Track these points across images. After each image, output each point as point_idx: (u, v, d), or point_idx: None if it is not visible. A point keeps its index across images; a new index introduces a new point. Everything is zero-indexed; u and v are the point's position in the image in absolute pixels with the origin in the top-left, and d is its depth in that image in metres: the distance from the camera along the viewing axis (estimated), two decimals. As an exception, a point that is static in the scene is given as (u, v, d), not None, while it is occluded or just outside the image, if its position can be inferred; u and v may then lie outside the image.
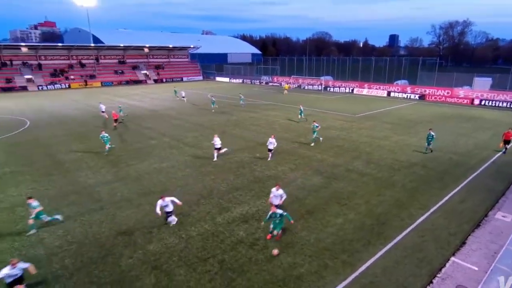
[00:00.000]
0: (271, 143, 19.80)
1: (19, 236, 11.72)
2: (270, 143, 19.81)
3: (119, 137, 25.58)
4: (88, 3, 78.68)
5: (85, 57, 75.88)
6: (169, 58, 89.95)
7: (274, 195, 12.76)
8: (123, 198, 14.82)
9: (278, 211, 11.25)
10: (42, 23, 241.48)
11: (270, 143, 19.81)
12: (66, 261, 10.34)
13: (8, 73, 64.23)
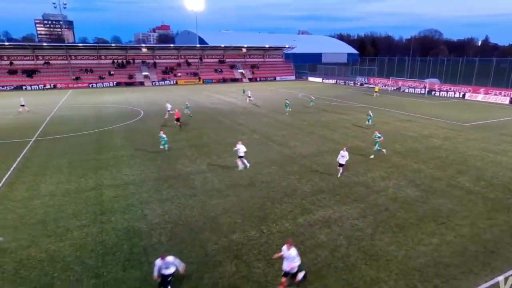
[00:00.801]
0: (342, 157, 17.03)
1: (129, 209, 13.68)
2: (342, 157, 17.04)
3: (214, 131, 27.61)
4: (197, 8, 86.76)
5: (191, 56, 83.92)
6: (264, 58, 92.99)
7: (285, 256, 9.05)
8: (214, 187, 15.97)
9: None
10: (159, 27, 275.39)
11: (342, 156, 17.03)
12: (162, 237, 11.66)
13: (131, 70, 75.37)
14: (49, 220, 12.79)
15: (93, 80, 69.30)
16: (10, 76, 65.25)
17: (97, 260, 10.34)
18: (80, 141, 24.52)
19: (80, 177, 17.21)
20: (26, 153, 21.40)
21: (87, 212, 13.45)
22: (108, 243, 11.28)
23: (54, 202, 14.33)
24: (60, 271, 9.80)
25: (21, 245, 11.13)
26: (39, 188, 15.84)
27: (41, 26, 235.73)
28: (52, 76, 67.76)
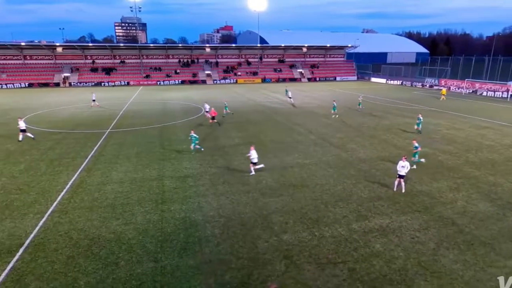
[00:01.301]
0: (402, 167, 14.85)
1: (187, 201, 14.44)
2: (402, 167, 14.86)
3: (270, 130, 27.81)
4: (259, 8, 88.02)
5: (252, 56, 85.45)
6: (325, 58, 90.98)
7: None
8: (267, 186, 16.10)
9: None
10: (223, 27, 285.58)
11: (402, 167, 14.85)
12: (215, 230, 12.10)
13: (195, 69, 79.33)
14: (117, 204, 14.07)
15: (161, 78, 74.40)
16: (92, 73, 73.07)
17: (156, 246, 11.11)
18: (147, 134, 26.52)
19: (146, 167, 18.61)
20: (102, 143, 23.78)
21: (150, 200, 14.51)
22: (167, 230, 12.05)
23: (123, 188, 15.72)
24: (125, 252, 10.72)
25: (94, 225, 12.41)
26: (110, 175, 17.51)
27: (119, 28, 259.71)
28: (126, 74, 74.34)
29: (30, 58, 72.73)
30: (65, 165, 19.02)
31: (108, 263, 10.18)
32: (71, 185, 16.14)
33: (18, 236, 11.60)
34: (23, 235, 11.63)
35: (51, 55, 73.37)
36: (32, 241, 11.27)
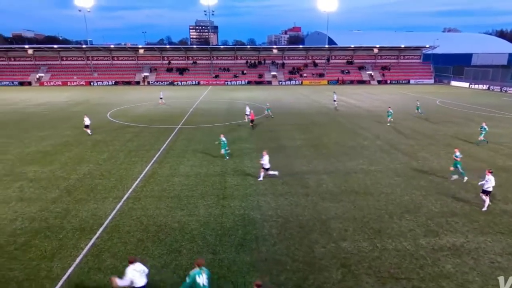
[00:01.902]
0: (487, 182, 13.28)
1: (246, 198, 14.79)
2: (486, 182, 13.29)
3: (334, 133, 27.05)
4: (329, 8, 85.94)
5: (319, 57, 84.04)
6: (398, 59, 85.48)
7: None
8: (328, 190, 15.69)
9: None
10: (291, 29, 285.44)
11: (486, 181, 13.29)
12: (273, 230, 12.18)
13: (261, 70, 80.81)
14: (183, 196, 15.01)
15: (228, 78, 77.37)
16: (167, 73, 79.09)
17: (215, 239, 11.59)
18: (214, 131, 27.79)
19: (210, 163, 19.53)
20: (173, 138, 25.59)
21: (212, 194, 15.18)
22: (226, 225, 12.49)
23: (188, 181, 16.72)
24: (187, 241, 11.40)
25: (162, 213, 13.42)
26: (178, 168, 18.75)
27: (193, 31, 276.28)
28: (197, 74, 78.92)
29: (117, 59, 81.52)
30: (140, 156, 20.89)
31: (172, 249, 10.92)
32: (144, 175, 17.67)
33: (99, 216, 13.09)
34: (103, 216, 13.08)
35: (134, 56, 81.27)
36: (110, 222, 12.62)
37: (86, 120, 26.56)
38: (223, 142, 19.99)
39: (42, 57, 79.20)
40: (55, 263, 10.15)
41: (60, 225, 12.41)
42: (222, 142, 20.02)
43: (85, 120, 26.58)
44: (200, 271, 7.80)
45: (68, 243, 11.26)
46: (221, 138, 20.22)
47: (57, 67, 78.85)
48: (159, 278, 9.53)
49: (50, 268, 9.92)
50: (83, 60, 79.94)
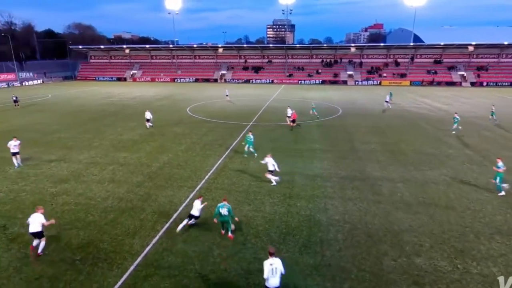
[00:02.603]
0: None
1: (313, 199, 14.54)
2: None
3: (414, 138, 24.92)
4: (417, 2, 79.10)
5: (401, 56, 78.16)
6: (499, 58, 74.80)
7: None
8: (403, 200, 14.55)
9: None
10: (372, 26, 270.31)
11: None
12: (339, 235, 11.76)
13: (336, 69, 78.39)
14: (251, 191, 15.42)
15: (302, 77, 76.80)
16: (243, 71, 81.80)
17: (279, 237, 11.66)
18: (284, 130, 27.91)
19: (281, 162, 19.62)
20: (244, 134, 26.40)
21: (279, 193, 15.28)
22: (291, 225, 12.47)
23: (257, 178, 17.09)
24: (252, 236, 11.69)
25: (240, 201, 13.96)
26: (248, 164, 19.29)
27: (270, 30, 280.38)
28: (271, 73, 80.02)
29: (198, 57, 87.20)
30: (214, 150, 22.06)
31: (237, 242, 11.32)
32: (216, 167, 18.62)
33: (174, 203, 14.22)
34: (178, 203, 14.17)
35: (213, 55, 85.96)
36: (183, 209, 13.61)
37: (147, 115, 28.65)
38: (249, 140, 20.26)
39: (136, 56, 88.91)
40: (135, 241, 11.35)
41: (141, 207, 13.82)
42: (249, 139, 20.30)
43: (146, 114, 28.70)
44: (224, 205, 11.31)
45: (147, 224, 12.47)
46: (249, 135, 20.55)
47: (148, 64, 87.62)
48: (223, 267, 9.97)
49: (131, 244, 11.13)
50: (169, 58, 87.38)
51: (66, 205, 13.97)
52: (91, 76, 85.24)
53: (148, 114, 28.82)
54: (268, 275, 7.79)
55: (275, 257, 8.02)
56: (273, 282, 7.82)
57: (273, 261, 7.90)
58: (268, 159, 16.11)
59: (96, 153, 21.35)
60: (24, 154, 20.26)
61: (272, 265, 7.84)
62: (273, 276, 7.81)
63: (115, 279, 9.42)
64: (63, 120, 32.20)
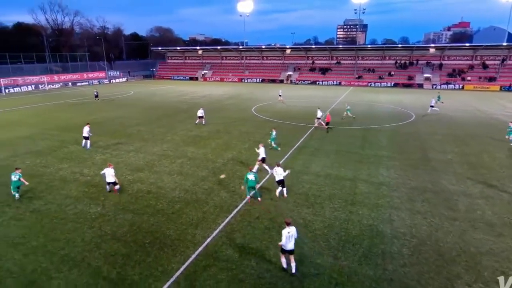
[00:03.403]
0: None
1: (377, 209, 13.76)
2: None
3: (502, 151, 21.99)
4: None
5: (491, 57, 69.55)
6: None
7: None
8: (483, 219, 12.96)
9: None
10: (456, 24, 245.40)
11: None
12: (404, 249, 10.94)
13: (412, 71, 72.87)
14: (310, 194, 15.19)
15: (372, 80, 73.03)
16: (310, 72, 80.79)
17: (338, 243, 11.28)
18: (349, 134, 26.89)
19: (341, 166, 19.03)
20: (307, 136, 26.11)
21: (340, 198, 14.78)
22: (351, 232, 11.98)
23: (317, 181, 16.77)
24: (309, 240, 11.51)
25: (289, 207, 13.95)
26: (310, 166, 19.03)
27: (341, 30, 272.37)
28: (339, 74, 77.66)
29: (266, 58, 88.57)
30: (282, 150, 22.21)
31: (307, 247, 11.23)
32: (277, 168, 18.72)
33: (235, 199, 14.67)
34: (238, 200, 14.59)
35: (281, 56, 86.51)
36: (243, 206, 13.98)
37: (200, 112, 30.42)
38: (272, 136, 22.09)
39: (207, 57, 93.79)
40: (198, 231, 12.00)
41: (205, 200, 14.56)
42: (272, 135, 22.12)
43: (199, 112, 30.51)
44: (251, 173, 14.10)
45: (209, 217, 13.09)
46: (272, 131, 22.42)
47: (218, 65, 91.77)
48: (279, 268, 10.00)
49: (194, 235, 11.80)
50: (238, 59, 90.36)
51: (140, 192, 15.37)
52: (167, 75, 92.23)
53: (200, 112, 30.65)
54: (286, 241, 9.52)
55: (291, 226, 9.76)
56: (289, 246, 9.61)
57: (290, 229, 9.64)
58: (261, 149, 17.93)
59: (168, 146, 23.07)
60: (109, 143, 23.25)
61: (290, 233, 9.57)
62: (289, 241, 9.58)
63: (177, 265, 10.09)
64: (142, 115, 35.43)
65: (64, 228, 12.24)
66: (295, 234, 9.72)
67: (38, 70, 72.26)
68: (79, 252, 10.74)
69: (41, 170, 18.31)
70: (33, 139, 24.80)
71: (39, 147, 22.87)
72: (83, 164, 19.34)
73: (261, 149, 17.88)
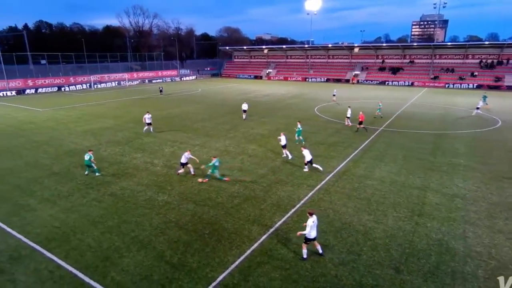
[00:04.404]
0: None
1: (449, 223, 12.51)
2: None
3: None
4: None
5: None
6: None
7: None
8: None
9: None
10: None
11: None
12: (479, 271, 9.77)
13: (500, 72, 64.52)
14: (373, 201, 14.40)
15: (451, 80, 66.41)
16: (379, 72, 76.43)
17: (401, 256, 10.53)
18: (419, 138, 24.86)
19: (410, 173, 17.68)
20: (373, 139, 24.79)
21: (406, 208, 13.76)
22: (416, 245, 11.08)
23: (381, 187, 15.84)
24: (368, 248, 10.94)
25: (348, 212, 13.43)
26: (373, 171, 18.06)
27: (416, 27, 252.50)
28: (412, 74, 72.11)
29: (332, 57, 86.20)
30: (338, 151, 21.53)
31: (351, 251, 10.80)
32: (338, 170, 18.14)
33: (293, 199, 14.60)
34: (296, 200, 14.48)
35: (348, 55, 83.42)
36: (300, 207, 13.84)
37: (244, 106, 32.67)
38: (298, 130, 23.08)
39: (273, 56, 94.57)
40: (254, 227, 12.21)
41: (263, 198, 14.74)
42: (298, 129, 23.12)
43: (243, 106, 32.79)
44: (218, 159, 16.60)
45: (266, 214, 13.22)
46: (298, 126, 23.34)
47: (283, 64, 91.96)
48: (334, 273, 9.70)
49: (250, 230, 12.03)
50: (303, 58, 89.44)
51: (202, 185, 16.16)
52: (233, 74, 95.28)
53: (245, 106, 32.70)
54: (310, 230, 10.07)
55: (314, 215, 10.21)
56: (313, 234, 10.18)
57: (313, 218, 10.14)
58: (282, 136, 19.84)
59: (230, 143, 23.85)
60: (177, 137, 24.96)
61: (314, 222, 10.10)
62: (313, 229, 10.15)
63: (233, 258, 10.40)
64: (208, 111, 37.17)
65: (135, 212, 13.44)
66: (316, 222, 10.27)
67: (121, 68, 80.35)
68: (147, 236, 11.70)
69: (119, 158, 20.33)
70: (114, 130, 27.65)
71: (118, 137, 25.43)
72: (154, 155, 20.98)
73: (282, 137, 19.85)
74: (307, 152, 17.50)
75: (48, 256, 10.58)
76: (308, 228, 10.07)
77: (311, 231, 10.09)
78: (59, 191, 15.47)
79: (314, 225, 10.16)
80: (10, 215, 13.26)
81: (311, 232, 10.10)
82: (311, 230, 10.07)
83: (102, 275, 9.67)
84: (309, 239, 10.19)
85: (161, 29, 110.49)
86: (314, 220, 10.15)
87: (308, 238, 10.17)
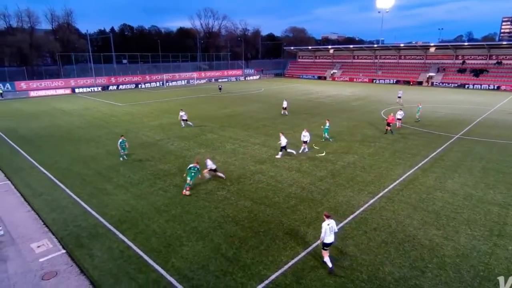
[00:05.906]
0: None
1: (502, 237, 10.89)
2: None
3: None
4: None
5: None
6: None
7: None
8: None
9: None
10: None
11: None
12: None
13: None
14: (443, 215, 13.16)
15: (549, 85, 57.45)
16: (458, 74, 69.29)
17: (473, 279, 9.43)
18: (503, 149, 22.02)
19: (489, 187, 15.78)
20: (446, 147, 22.64)
21: (483, 226, 12.31)
22: (494, 270, 9.85)
23: (453, 200, 14.39)
24: (435, 265, 10.03)
25: (413, 224, 12.45)
26: (445, 182, 16.49)
27: (507, 23, 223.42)
28: (499, 77, 64.08)
29: (404, 57, 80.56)
30: (404, 158, 20.10)
31: (415, 266, 10.02)
32: (404, 178, 16.94)
33: (352, 205, 14.03)
34: (355, 206, 13.90)
35: (422, 55, 77.18)
36: (360, 214, 13.24)
37: (285, 103, 34.68)
38: (326, 128, 23.32)
39: (338, 56, 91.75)
40: (310, 230, 12.02)
41: (320, 201, 14.43)
42: (326, 127, 23.33)
43: (284, 103, 34.80)
44: (197, 166, 15.35)
45: (322, 218, 12.89)
46: (326, 123, 23.56)
47: (348, 64, 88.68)
48: (393, 285, 9.10)
49: (305, 233, 11.87)
50: (371, 58, 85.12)
51: (260, 183, 16.40)
52: (296, 74, 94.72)
53: (285, 103, 34.76)
54: (326, 235, 9.62)
55: (330, 218, 9.85)
56: (329, 239, 9.75)
57: (329, 221, 9.74)
58: (282, 137, 19.84)
59: (289, 143, 23.77)
60: (239, 135, 25.72)
61: (329, 225, 9.68)
62: (330, 234, 9.73)
63: (286, 259, 10.38)
64: (269, 111, 37.54)
65: (197, 204, 14.18)
66: (335, 228, 9.84)
67: (190, 67, 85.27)
68: (205, 228, 12.27)
69: (184, 152, 21.63)
70: (180, 126, 29.48)
71: (184, 132, 27.05)
72: (216, 151, 21.87)
73: (282, 138, 19.88)
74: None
75: (120, 237, 11.72)
76: (322, 232, 9.67)
77: (326, 236, 9.68)
78: (131, 179, 17.02)
79: (330, 229, 9.72)
80: (91, 197, 14.98)
81: (327, 236, 9.69)
82: (326, 234, 9.65)
83: (164, 260, 10.40)
84: (326, 244, 9.82)
85: (229, 30, 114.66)
86: (330, 224, 9.74)
87: (325, 243, 9.80)
